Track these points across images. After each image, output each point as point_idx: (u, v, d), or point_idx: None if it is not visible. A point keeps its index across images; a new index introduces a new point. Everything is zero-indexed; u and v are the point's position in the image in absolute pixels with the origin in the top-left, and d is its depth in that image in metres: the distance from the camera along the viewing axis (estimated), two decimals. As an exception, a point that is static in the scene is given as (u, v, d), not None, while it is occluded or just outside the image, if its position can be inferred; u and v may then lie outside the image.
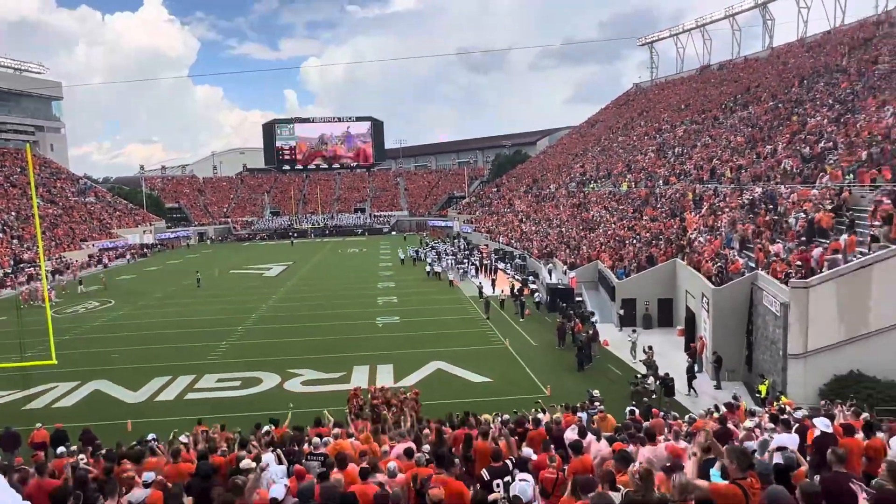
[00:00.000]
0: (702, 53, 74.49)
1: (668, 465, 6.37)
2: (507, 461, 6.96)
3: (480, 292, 34.05)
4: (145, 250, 66.68)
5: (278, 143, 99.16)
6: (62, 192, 70.25)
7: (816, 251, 17.11)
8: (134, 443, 11.58)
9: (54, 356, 16.49)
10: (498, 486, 6.42)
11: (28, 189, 60.93)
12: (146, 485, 6.68)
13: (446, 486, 6.08)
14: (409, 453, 7.89)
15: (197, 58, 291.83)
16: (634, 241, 31.19)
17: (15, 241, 53.82)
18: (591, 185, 53.28)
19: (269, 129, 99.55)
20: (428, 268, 44.48)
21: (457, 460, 7.25)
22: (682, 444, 8.45)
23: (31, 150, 20.57)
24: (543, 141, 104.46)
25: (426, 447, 8.19)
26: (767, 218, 21.91)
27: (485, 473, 6.66)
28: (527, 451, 7.81)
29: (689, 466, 5.04)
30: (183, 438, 10.60)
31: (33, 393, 19.58)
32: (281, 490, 5.69)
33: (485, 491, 6.08)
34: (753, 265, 19.70)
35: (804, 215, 19.69)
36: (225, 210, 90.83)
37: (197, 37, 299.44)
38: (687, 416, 13.13)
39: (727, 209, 26.72)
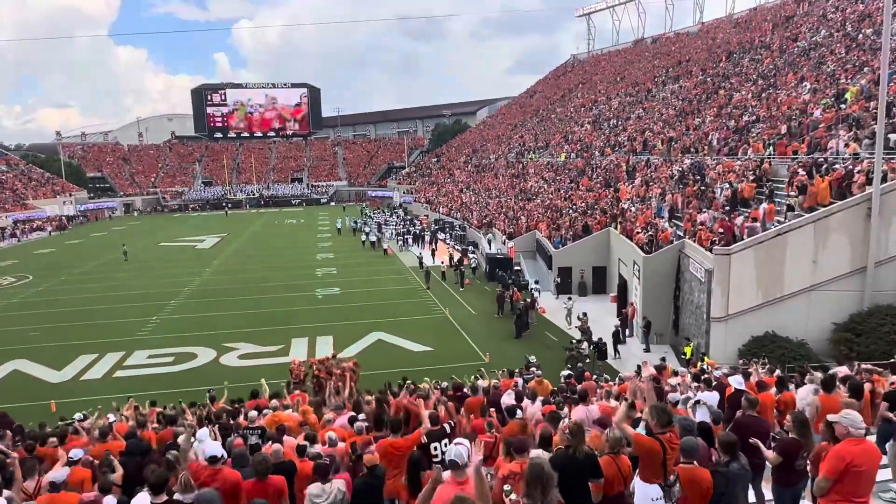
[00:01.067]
0: (637, 27, 76.07)
1: (600, 421, 6.64)
2: (445, 425, 7.10)
3: (420, 263, 34.10)
4: (66, 222, 62.85)
5: (209, 110, 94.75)
6: (-32, 159, 64.94)
7: (739, 220, 18.04)
8: (59, 423, 11.07)
9: (-34, 335, 15.46)
10: (436, 448, 6.54)
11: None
12: (71, 462, 6.43)
13: (393, 446, 6.17)
14: (352, 421, 7.92)
15: (118, 15, 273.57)
16: (571, 211, 31.93)
17: (-85, 212, 49.56)
18: (530, 156, 53.93)
19: (199, 95, 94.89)
20: (363, 237, 44.69)
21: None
22: (613, 402, 8.86)
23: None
24: (483, 111, 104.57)
25: (363, 416, 8.22)
26: (695, 188, 22.87)
27: (423, 437, 6.76)
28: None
29: (618, 413, 5.28)
30: (111, 417, 10.21)
31: (-56, 375, 18.36)
32: (218, 448, 5.59)
33: (422, 453, 6.20)
34: (682, 234, 20.59)
35: (728, 186, 20.66)
36: (153, 180, 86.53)
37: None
38: (616, 378, 13.76)
39: (658, 180, 27.69)
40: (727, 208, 19.62)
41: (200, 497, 4.79)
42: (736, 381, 8.15)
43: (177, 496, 4.75)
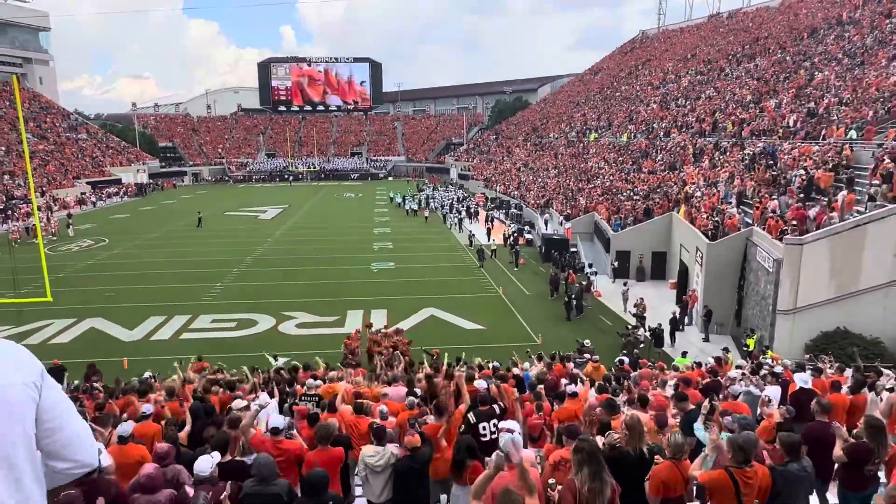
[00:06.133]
0: (712, 1, 72.25)
1: (658, 420, 6.47)
2: (495, 406, 7.09)
3: (471, 240, 34.15)
4: (140, 189, 66.06)
5: (274, 83, 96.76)
6: (53, 127, 68.86)
7: (814, 209, 17.07)
8: (133, 378, 11.76)
9: (49, 293, 16.51)
10: (484, 428, 6.54)
11: (17, 123, 59.69)
12: (142, 417, 6.81)
13: (435, 430, 6.21)
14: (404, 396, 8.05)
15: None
16: (632, 194, 31.05)
17: (6, 176, 53.14)
18: (592, 136, 52.59)
19: (265, 69, 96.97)
20: (408, 205, 49.25)
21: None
22: (669, 391, 8.63)
23: (17, 82, 19.99)
24: (545, 88, 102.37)
25: (417, 391, 8.33)
26: (767, 174, 21.76)
27: (471, 416, 6.77)
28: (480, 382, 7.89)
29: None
30: (175, 377, 10.74)
31: (29, 329, 19.75)
32: (281, 420, 5.80)
33: (469, 435, 6.20)
34: (750, 221, 19.68)
35: (804, 172, 19.54)
36: (220, 151, 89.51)
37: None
38: (671, 366, 13.40)
39: (727, 164, 26.49)
40: (801, 196, 18.59)
41: (257, 461, 4.98)
42: (801, 380, 7.78)
43: (237, 457, 4.94)
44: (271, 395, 8.38)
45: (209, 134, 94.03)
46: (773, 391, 7.92)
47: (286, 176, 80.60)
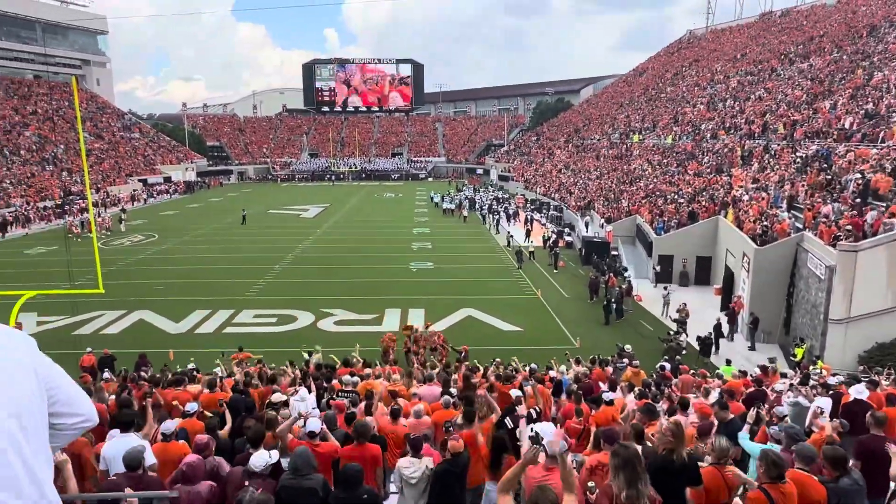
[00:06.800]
0: (764, -1, 70.00)
1: (698, 423, 6.30)
2: (532, 409, 7.01)
3: (509, 241, 34.08)
4: (189, 187, 68.19)
5: (318, 84, 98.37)
6: (108, 126, 71.67)
7: (871, 214, 16.31)
8: (178, 369, 12.11)
9: (101, 285, 17.15)
10: (520, 433, 6.47)
11: (75, 122, 62.35)
12: (187, 415, 6.97)
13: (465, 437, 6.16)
14: (438, 395, 8.04)
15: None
16: (676, 197, 30.32)
17: (64, 173, 55.56)
18: (635, 137, 51.64)
19: (309, 70, 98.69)
20: (445, 205, 49.87)
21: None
22: (712, 400, 8.37)
23: (76, 84, 20.86)
24: (588, 89, 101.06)
25: (452, 391, 8.30)
26: (820, 177, 20.92)
27: (508, 421, 6.70)
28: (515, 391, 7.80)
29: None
30: (217, 371, 11.00)
31: (82, 319, 20.57)
32: (317, 423, 5.86)
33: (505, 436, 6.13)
34: (801, 226, 18.96)
35: (860, 176, 18.71)
36: (264, 150, 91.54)
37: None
38: (714, 373, 13.02)
39: (777, 167, 25.61)
40: (857, 201, 17.79)
41: (295, 453, 5.04)
42: (856, 391, 7.43)
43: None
44: (309, 390, 8.48)
45: (255, 134, 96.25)
46: (825, 403, 7.58)
47: (328, 175, 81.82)
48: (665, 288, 22.86)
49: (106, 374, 11.61)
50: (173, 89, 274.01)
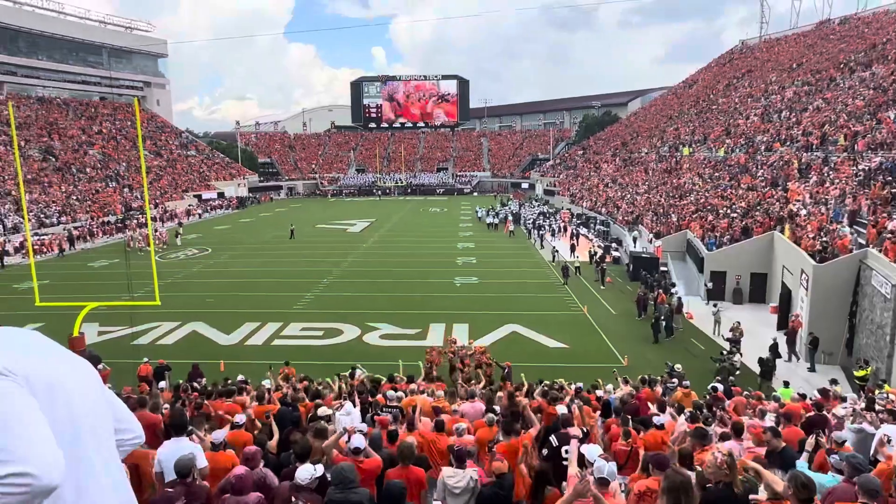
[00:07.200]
0: (821, 7, 67.73)
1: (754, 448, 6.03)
2: (579, 429, 6.87)
3: (554, 256, 33.74)
4: (241, 202, 70.42)
5: (365, 101, 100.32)
6: (167, 144, 74.93)
7: (941, 230, 15.43)
8: (227, 381, 12.43)
9: (158, 298, 17.82)
10: (566, 452, 6.34)
11: (136, 141, 65.45)
12: (236, 426, 7.13)
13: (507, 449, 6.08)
14: (482, 413, 7.97)
15: (293, 16, 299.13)
16: (729, 211, 29.41)
17: (126, 189, 58.25)
18: (685, 150, 50.48)
19: (357, 87, 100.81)
20: (489, 220, 49.62)
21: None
22: (768, 423, 8.01)
23: (138, 105, 21.92)
24: (635, 102, 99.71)
25: (496, 409, 8.22)
26: (885, 191, 19.93)
27: (553, 440, 6.59)
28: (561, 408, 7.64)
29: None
30: (266, 383, 11.22)
31: (139, 330, 21.39)
32: (361, 440, 5.90)
33: (549, 462, 6.02)
34: (864, 242, 18.08)
35: (929, 189, 17.74)
36: (313, 166, 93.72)
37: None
38: (771, 396, 12.47)
39: (838, 180, 24.56)
40: (926, 215, 16.86)
41: (338, 468, 5.07)
42: (928, 419, 6.98)
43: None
44: (354, 405, 8.55)
45: (304, 150, 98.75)
46: (892, 431, 7.15)
47: (374, 190, 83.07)
48: (715, 305, 22.13)
49: (162, 384, 12.00)
50: (227, 108, 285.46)
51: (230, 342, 20.52)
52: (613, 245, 37.16)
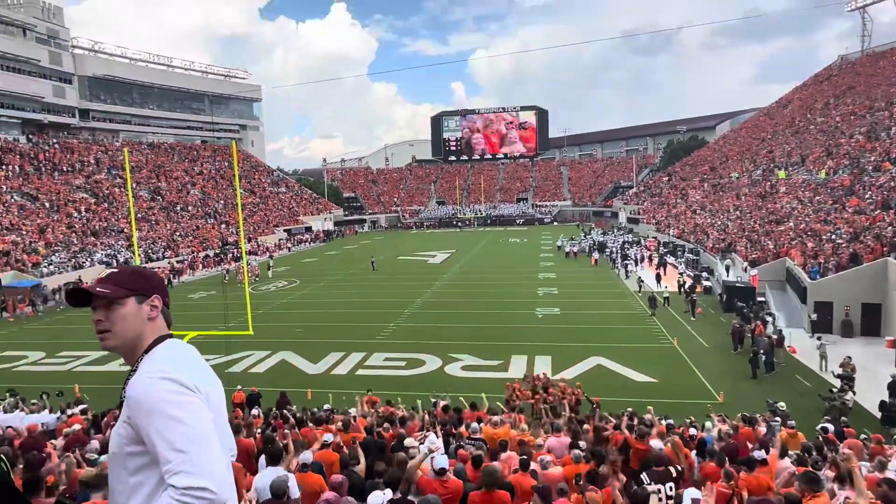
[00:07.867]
0: (931, 15, 62.60)
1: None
2: (672, 468, 6.49)
3: (640, 286, 32.55)
4: (327, 236, 73.37)
5: (445, 135, 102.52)
6: (260, 182, 79.64)
7: None
8: (315, 409, 12.77)
9: (251, 327, 18.73)
10: (660, 491, 6.00)
11: (233, 180, 69.99)
12: (324, 445, 7.31)
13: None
14: (570, 448, 7.72)
15: (375, 57, 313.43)
16: (833, 236, 27.35)
17: (223, 225, 62.19)
18: (781, 173, 47.70)
19: (437, 122, 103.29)
20: (568, 248, 49.59)
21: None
22: (889, 474, 7.24)
23: (235, 147, 23.50)
24: (724, 125, 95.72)
25: (583, 444, 7.92)
26: None
27: (645, 477, 6.25)
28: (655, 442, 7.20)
29: None
30: (352, 411, 11.43)
31: (233, 359, 22.48)
32: (445, 460, 5.87)
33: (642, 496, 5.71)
34: None
35: None
36: (395, 199, 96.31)
37: (375, 37, 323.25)
38: (893, 440, 11.28)
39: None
40: None
41: (426, 500, 5.05)
42: None
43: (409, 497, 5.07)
44: (437, 436, 8.53)
45: (386, 184, 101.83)
46: None
47: (455, 222, 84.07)
48: (819, 338, 20.43)
49: (254, 411, 12.50)
50: (315, 146, 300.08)
51: (317, 371, 21.13)
52: (704, 274, 35.40)
